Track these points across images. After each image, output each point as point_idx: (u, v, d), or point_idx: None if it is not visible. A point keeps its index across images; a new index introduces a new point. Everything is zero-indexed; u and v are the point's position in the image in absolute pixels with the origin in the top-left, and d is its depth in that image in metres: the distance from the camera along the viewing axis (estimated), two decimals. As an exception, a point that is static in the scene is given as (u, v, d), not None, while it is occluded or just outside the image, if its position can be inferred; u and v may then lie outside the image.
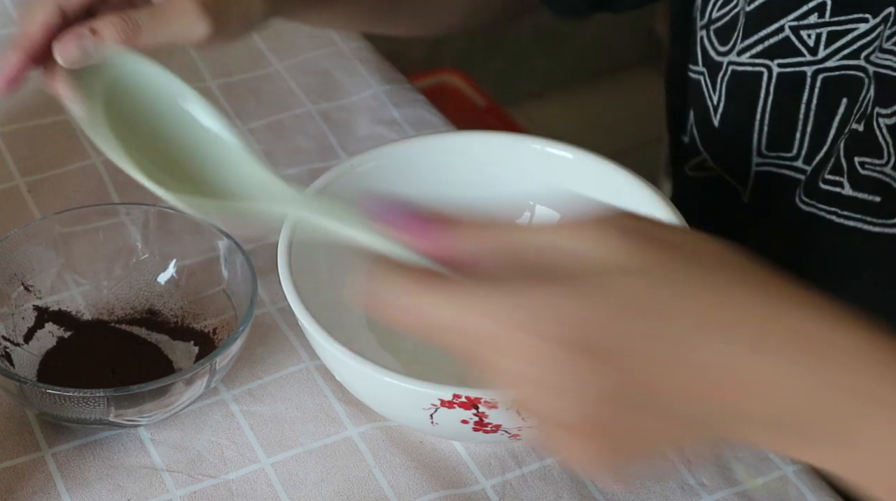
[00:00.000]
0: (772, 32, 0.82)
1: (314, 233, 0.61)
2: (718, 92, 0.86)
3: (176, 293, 0.83)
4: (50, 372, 0.78)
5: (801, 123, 0.83)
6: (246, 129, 0.99)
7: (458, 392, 0.68)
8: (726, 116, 0.86)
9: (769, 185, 0.86)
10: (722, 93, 0.86)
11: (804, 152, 0.83)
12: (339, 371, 0.75)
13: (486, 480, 0.76)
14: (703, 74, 0.87)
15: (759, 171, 0.86)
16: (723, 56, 0.85)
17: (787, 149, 0.84)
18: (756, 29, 0.83)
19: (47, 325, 0.81)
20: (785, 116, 0.83)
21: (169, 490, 0.74)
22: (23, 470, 0.75)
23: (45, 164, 0.94)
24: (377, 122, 1.00)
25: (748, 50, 0.83)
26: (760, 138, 0.85)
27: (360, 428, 0.78)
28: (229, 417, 0.78)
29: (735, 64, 0.84)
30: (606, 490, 0.75)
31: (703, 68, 0.87)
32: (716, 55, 0.86)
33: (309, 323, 0.72)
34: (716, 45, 0.85)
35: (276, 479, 0.75)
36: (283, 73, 1.05)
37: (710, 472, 0.77)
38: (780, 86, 0.83)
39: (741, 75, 0.84)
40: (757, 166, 0.86)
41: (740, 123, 0.85)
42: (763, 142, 0.85)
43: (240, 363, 0.80)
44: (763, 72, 0.83)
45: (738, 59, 0.84)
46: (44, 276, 0.81)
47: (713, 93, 0.86)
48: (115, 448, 0.76)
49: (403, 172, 0.84)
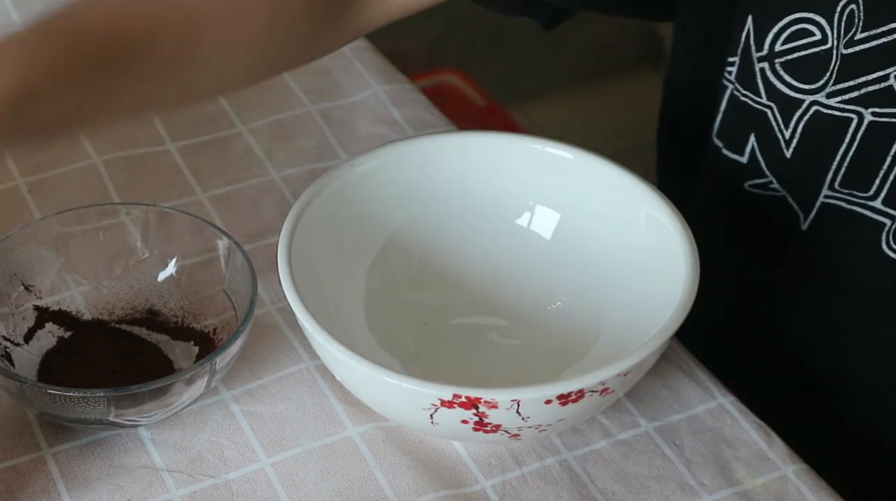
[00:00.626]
0: (873, 80, 0.79)
1: None
2: (793, 129, 0.83)
3: (176, 293, 0.83)
4: (50, 372, 0.78)
5: (884, 170, 0.80)
6: (246, 129, 0.99)
7: (458, 392, 0.69)
8: (801, 151, 0.83)
9: (838, 221, 0.83)
10: (798, 130, 0.83)
11: (883, 194, 0.81)
12: (339, 371, 0.75)
13: (486, 480, 0.76)
14: (772, 108, 0.84)
15: (827, 204, 0.84)
16: (804, 94, 0.82)
17: (863, 189, 0.81)
18: (855, 75, 0.79)
19: (47, 325, 0.81)
20: (867, 161, 0.81)
21: (169, 489, 0.74)
22: (23, 470, 0.75)
23: (46, 164, 0.94)
24: (377, 122, 1.00)
25: (841, 94, 0.80)
26: (836, 175, 0.82)
27: (360, 428, 0.78)
28: (229, 417, 0.78)
29: (821, 105, 0.81)
30: (607, 490, 0.76)
31: (769, 102, 0.83)
32: (791, 92, 0.82)
33: (309, 323, 0.72)
34: (789, 81, 0.82)
35: (276, 479, 0.75)
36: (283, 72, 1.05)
37: (710, 472, 0.77)
38: (869, 134, 0.80)
39: (826, 118, 0.81)
40: (825, 198, 0.83)
41: (816, 160, 0.83)
42: (838, 179, 0.82)
43: (240, 363, 0.80)
44: (853, 118, 0.80)
45: (825, 101, 0.81)
46: (44, 276, 0.81)
47: (785, 129, 0.83)
48: (115, 448, 0.76)
49: (403, 172, 0.84)
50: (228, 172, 0.95)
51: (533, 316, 0.84)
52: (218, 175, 0.95)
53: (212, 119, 1.00)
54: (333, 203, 0.81)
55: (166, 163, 0.96)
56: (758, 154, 0.86)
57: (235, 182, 0.94)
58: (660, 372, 0.81)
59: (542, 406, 0.69)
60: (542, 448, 0.77)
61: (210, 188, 0.94)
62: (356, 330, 0.80)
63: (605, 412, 0.79)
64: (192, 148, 0.97)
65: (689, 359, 0.83)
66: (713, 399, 0.81)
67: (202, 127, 0.99)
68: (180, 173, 0.95)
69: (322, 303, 0.75)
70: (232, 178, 0.95)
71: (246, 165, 0.96)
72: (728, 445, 0.78)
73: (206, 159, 0.96)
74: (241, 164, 0.96)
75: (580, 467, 0.77)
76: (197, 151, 0.97)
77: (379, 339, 0.81)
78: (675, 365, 0.82)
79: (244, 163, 0.96)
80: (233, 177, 0.95)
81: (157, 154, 0.96)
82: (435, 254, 0.85)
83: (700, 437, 0.79)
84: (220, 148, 0.97)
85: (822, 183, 0.83)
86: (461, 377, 0.71)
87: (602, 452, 0.78)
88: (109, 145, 0.96)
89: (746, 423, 0.79)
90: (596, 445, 0.78)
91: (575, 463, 0.77)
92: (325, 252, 0.80)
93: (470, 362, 0.82)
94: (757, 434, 0.79)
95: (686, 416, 0.80)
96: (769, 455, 0.78)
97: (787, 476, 0.77)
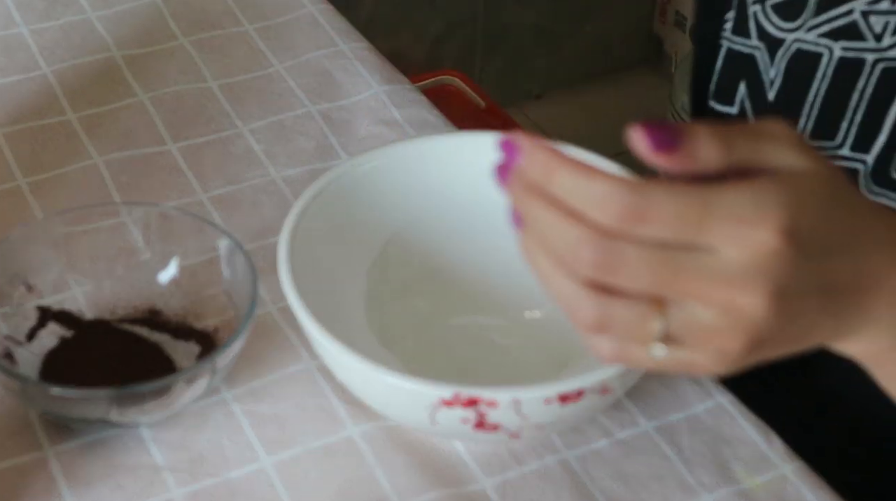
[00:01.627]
0: (841, 14, 0.81)
1: None
2: (777, 68, 0.85)
3: (177, 292, 0.83)
4: (52, 371, 0.78)
5: (850, 111, 0.82)
6: (246, 130, 0.99)
7: (458, 391, 0.69)
8: (781, 94, 0.86)
9: None
10: (781, 69, 0.85)
11: (850, 141, 0.83)
12: (339, 371, 0.75)
13: (486, 479, 0.76)
14: (760, 49, 0.86)
15: None
16: (787, 33, 0.85)
17: (831, 138, 0.83)
18: (826, 8, 0.82)
19: (49, 325, 0.81)
20: (836, 102, 0.83)
21: (170, 489, 0.75)
22: (25, 470, 0.75)
23: (47, 164, 0.95)
24: (377, 123, 1.00)
25: (815, 28, 0.83)
26: (807, 123, 0.84)
27: (360, 428, 0.78)
28: (230, 416, 0.79)
29: (801, 41, 0.84)
30: (606, 489, 0.76)
31: (759, 43, 0.86)
32: (776, 31, 0.85)
33: (309, 323, 0.72)
34: (775, 21, 0.85)
35: (277, 478, 0.75)
36: (283, 73, 1.05)
37: (710, 471, 0.77)
38: (839, 71, 0.82)
39: (803, 53, 0.84)
40: None
41: (793, 103, 0.85)
42: (808, 128, 0.84)
43: (241, 362, 0.80)
44: (824, 53, 0.83)
45: (804, 37, 0.84)
46: (46, 276, 0.81)
47: (770, 69, 0.86)
48: (116, 447, 0.76)
49: (404, 173, 0.84)
50: (229, 172, 0.95)
51: (533, 315, 0.84)
52: (219, 175, 0.95)
53: (212, 119, 1.00)
54: (334, 203, 0.81)
55: (167, 164, 0.96)
56: (746, 102, 0.88)
57: (236, 182, 0.94)
58: (659, 371, 0.81)
59: (542, 405, 0.69)
60: (542, 448, 0.78)
61: (211, 188, 0.94)
62: (356, 330, 0.80)
63: (605, 411, 0.79)
64: (193, 148, 0.97)
65: (688, 359, 0.83)
66: (712, 398, 0.81)
67: (203, 127, 0.99)
68: (181, 173, 0.95)
69: (322, 303, 0.75)
70: (233, 178, 0.95)
71: (246, 165, 0.96)
72: (727, 444, 0.78)
73: (206, 159, 0.96)
74: (241, 164, 0.96)
75: (580, 466, 0.77)
76: (198, 151, 0.97)
77: (379, 339, 0.81)
78: (674, 365, 0.82)
79: (245, 163, 0.96)
80: (233, 177, 0.95)
81: (158, 154, 0.97)
82: (435, 254, 0.85)
83: (699, 436, 0.79)
84: (220, 148, 0.97)
85: None
86: (461, 376, 0.71)
87: (602, 451, 0.78)
88: (111, 145, 0.97)
89: (745, 422, 0.80)
90: (596, 444, 0.78)
91: (575, 463, 0.77)
92: (326, 252, 0.81)
93: (470, 362, 0.82)
94: (756, 433, 0.79)
95: (685, 416, 0.80)
96: (768, 454, 0.78)
97: (786, 476, 0.77)
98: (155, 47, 1.07)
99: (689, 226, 0.54)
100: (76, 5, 1.10)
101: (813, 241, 0.55)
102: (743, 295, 0.55)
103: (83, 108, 1.00)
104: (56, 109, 0.99)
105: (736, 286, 0.54)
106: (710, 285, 0.55)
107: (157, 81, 1.03)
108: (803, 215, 0.55)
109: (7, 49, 1.05)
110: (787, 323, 0.56)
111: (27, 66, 1.04)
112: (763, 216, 0.54)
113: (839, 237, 0.57)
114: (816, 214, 0.56)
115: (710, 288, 0.55)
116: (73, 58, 1.05)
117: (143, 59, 1.05)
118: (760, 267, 0.54)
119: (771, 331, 0.56)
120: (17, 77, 1.02)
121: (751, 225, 0.54)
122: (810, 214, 0.55)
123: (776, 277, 0.55)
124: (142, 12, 1.10)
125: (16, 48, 1.05)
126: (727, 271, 0.54)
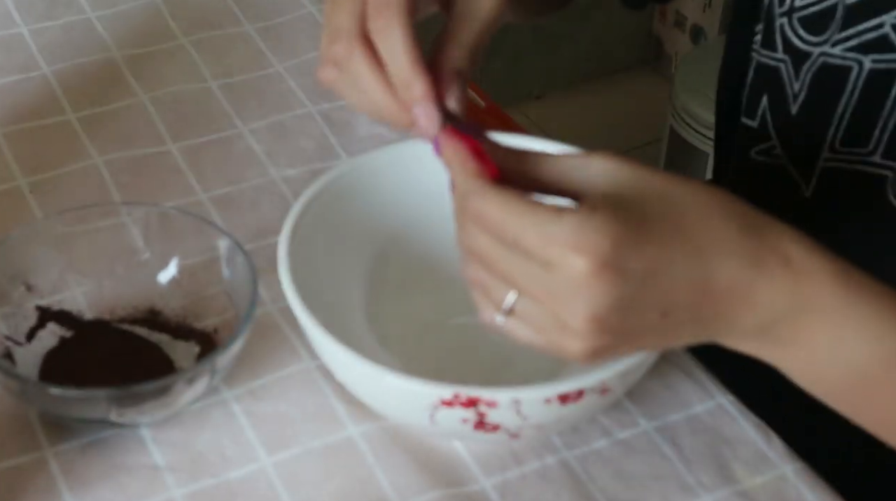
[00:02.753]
0: (871, 27, 0.82)
1: None
2: (801, 81, 0.86)
3: (177, 292, 0.83)
4: (52, 371, 0.78)
5: (882, 120, 0.83)
6: (247, 130, 0.99)
7: (458, 391, 0.69)
8: (807, 106, 0.86)
9: (838, 183, 0.86)
10: (806, 82, 0.85)
11: (882, 148, 0.83)
12: (339, 371, 0.75)
13: (486, 479, 0.76)
14: (785, 62, 0.86)
15: (827, 168, 0.86)
16: (813, 46, 0.85)
17: (863, 145, 0.84)
18: (854, 22, 0.82)
19: (49, 325, 0.81)
20: (867, 112, 0.83)
21: (170, 489, 0.75)
22: (24, 470, 0.75)
23: (47, 164, 0.95)
24: (377, 123, 1.00)
25: (843, 42, 0.83)
26: (837, 132, 0.85)
27: (360, 428, 0.78)
28: (230, 416, 0.79)
29: (827, 55, 0.84)
30: (606, 489, 0.76)
31: (784, 55, 0.87)
32: (802, 44, 0.85)
33: (309, 324, 0.72)
34: (802, 34, 0.85)
35: (277, 478, 0.75)
36: (283, 73, 1.05)
37: (710, 471, 0.77)
38: (869, 83, 0.83)
39: (830, 67, 0.84)
40: (825, 162, 0.86)
41: (820, 115, 0.85)
42: (839, 137, 0.85)
43: (241, 362, 0.80)
44: (853, 66, 0.83)
45: (830, 51, 0.84)
46: (45, 276, 0.81)
47: (795, 82, 0.86)
48: (116, 447, 0.77)
49: (404, 173, 0.84)
50: (229, 172, 0.95)
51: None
52: (219, 175, 0.95)
53: (213, 119, 1.00)
54: (334, 203, 0.81)
55: (167, 164, 0.96)
56: (767, 115, 0.89)
57: (236, 182, 0.94)
58: (659, 371, 0.81)
59: (542, 405, 0.69)
60: (542, 448, 0.78)
61: (211, 188, 0.94)
62: (356, 330, 0.80)
63: (605, 411, 0.79)
64: (194, 148, 0.97)
65: (688, 359, 0.83)
66: (712, 398, 0.81)
67: (203, 127, 0.99)
68: (181, 173, 0.95)
69: (322, 303, 0.75)
70: (233, 178, 0.95)
71: (247, 165, 0.96)
72: (727, 444, 0.78)
73: (207, 159, 0.96)
74: (241, 164, 0.96)
75: (580, 466, 0.77)
76: (198, 151, 0.97)
77: (379, 339, 0.81)
78: (674, 365, 0.83)
79: (245, 164, 0.96)
80: (234, 177, 0.95)
81: (158, 154, 0.97)
82: (435, 254, 0.85)
83: (699, 436, 0.79)
84: (220, 148, 0.97)
85: (823, 143, 0.85)
86: (461, 376, 0.71)
87: (602, 451, 0.78)
88: (111, 145, 0.97)
89: (745, 422, 0.80)
90: (596, 444, 0.78)
91: (575, 463, 0.77)
92: (326, 252, 0.81)
93: (470, 362, 0.82)
94: (756, 433, 0.79)
95: (685, 416, 0.80)
96: (768, 454, 0.78)
97: (785, 475, 0.77)
98: (155, 47, 1.07)
99: (527, 239, 0.61)
100: (76, 5, 1.10)
101: (634, 267, 0.60)
102: (564, 312, 0.61)
103: (83, 108, 1.00)
104: (56, 109, 0.99)
105: (559, 301, 0.61)
106: (542, 294, 0.62)
107: (157, 81, 1.03)
108: (621, 246, 0.60)
109: (7, 49, 1.05)
110: (613, 339, 0.62)
111: (27, 65, 1.04)
112: (584, 245, 0.59)
113: (669, 257, 0.61)
114: (635, 243, 0.60)
115: (542, 296, 0.62)
116: (73, 58, 1.05)
117: (143, 59, 1.05)
118: (578, 290, 0.60)
119: (602, 341, 0.62)
120: (17, 77, 1.03)
121: (574, 251, 0.60)
122: (628, 244, 0.60)
123: (591, 299, 0.60)
124: (142, 12, 1.10)
125: (16, 48, 1.05)
126: (552, 286, 0.61)
